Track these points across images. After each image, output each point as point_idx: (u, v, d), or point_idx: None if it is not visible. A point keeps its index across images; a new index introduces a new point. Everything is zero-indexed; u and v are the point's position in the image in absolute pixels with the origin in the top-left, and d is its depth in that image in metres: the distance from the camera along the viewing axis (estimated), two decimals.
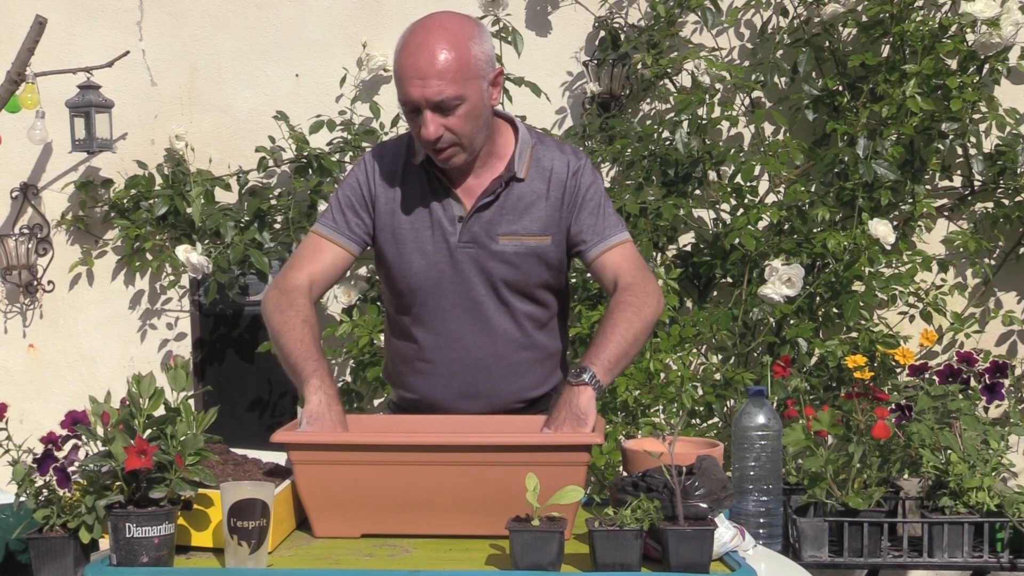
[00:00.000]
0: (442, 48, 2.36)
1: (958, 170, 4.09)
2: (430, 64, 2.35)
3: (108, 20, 4.40)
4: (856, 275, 3.87)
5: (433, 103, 2.36)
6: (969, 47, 3.86)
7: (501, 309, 2.56)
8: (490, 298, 2.56)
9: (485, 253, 2.53)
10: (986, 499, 2.52)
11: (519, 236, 2.53)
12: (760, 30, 4.15)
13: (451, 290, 2.54)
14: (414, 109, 2.39)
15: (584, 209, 2.56)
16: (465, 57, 2.38)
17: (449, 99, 2.36)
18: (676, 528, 1.89)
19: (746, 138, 4.17)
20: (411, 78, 2.36)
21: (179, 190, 4.23)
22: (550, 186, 2.54)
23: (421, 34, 2.39)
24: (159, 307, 4.46)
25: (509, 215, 2.53)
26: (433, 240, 2.53)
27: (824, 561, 2.55)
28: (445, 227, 2.53)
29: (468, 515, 2.11)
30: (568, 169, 2.56)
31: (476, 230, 2.52)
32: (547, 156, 2.57)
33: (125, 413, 1.99)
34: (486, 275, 2.54)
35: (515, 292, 2.57)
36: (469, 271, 2.54)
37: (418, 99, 2.37)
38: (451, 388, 2.58)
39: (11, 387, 4.46)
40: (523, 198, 2.53)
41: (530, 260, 2.54)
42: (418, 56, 2.36)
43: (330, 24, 4.34)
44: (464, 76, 2.37)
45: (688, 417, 3.87)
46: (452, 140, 2.41)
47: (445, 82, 2.35)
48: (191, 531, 2.05)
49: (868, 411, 2.57)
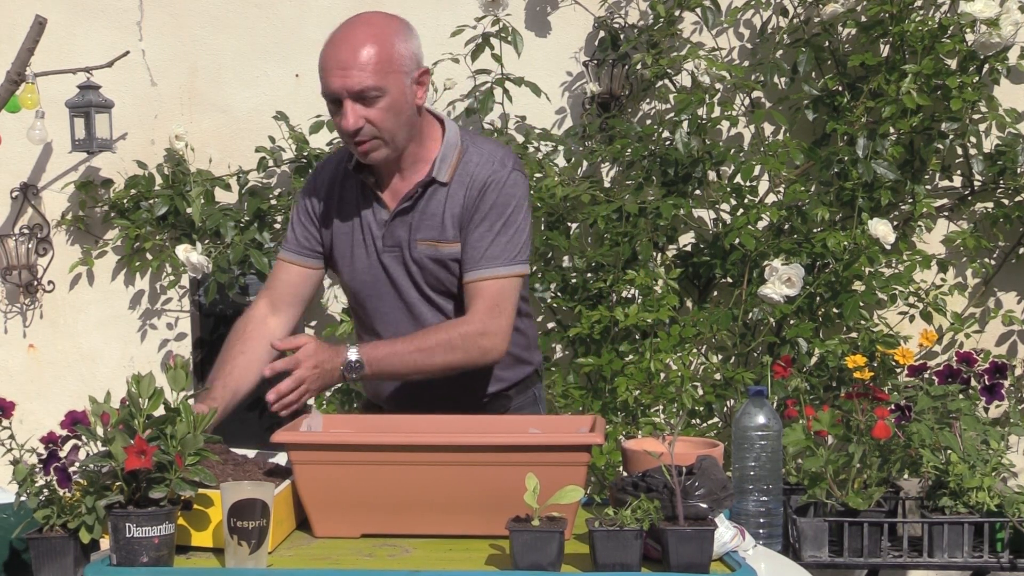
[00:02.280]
0: (364, 41, 2.42)
1: (958, 170, 4.09)
2: (352, 55, 2.41)
3: (108, 20, 4.40)
4: (856, 275, 3.87)
5: (354, 92, 2.41)
6: (969, 47, 3.86)
7: (432, 309, 2.58)
8: (420, 300, 2.58)
9: (407, 257, 2.55)
10: (986, 499, 2.52)
11: (434, 242, 2.53)
12: (760, 30, 4.15)
13: (385, 292, 2.58)
14: (335, 100, 2.44)
15: (479, 226, 2.51)
16: (387, 51, 2.43)
17: (368, 89, 2.40)
18: (676, 528, 1.89)
19: (746, 138, 4.17)
20: (332, 69, 2.43)
21: (179, 190, 4.23)
22: (467, 191, 2.52)
23: (346, 29, 2.47)
24: (159, 307, 4.46)
25: (429, 220, 2.53)
26: (365, 244, 2.58)
27: (824, 561, 2.55)
28: (373, 231, 2.57)
29: (468, 515, 2.11)
30: (485, 175, 2.53)
31: (399, 234, 2.54)
32: (473, 160, 2.54)
33: (125, 413, 1.99)
34: (411, 279, 2.56)
35: (444, 295, 2.58)
36: (397, 274, 2.56)
37: (338, 89, 2.42)
38: (403, 389, 2.61)
39: (11, 387, 4.46)
40: (443, 203, 2.53)
41: (445, 266, 2.55)
42: (340, 48, 2.43)
43: (330, 24, 4.24)
44: (385, 69, 2.42)
45: (688, 417, 3.88)
46: (372, 133, 2.44)
47: (366, 73, 2.40)
48: (191, 531, 2.05)
49: (868, 411, 2.57)
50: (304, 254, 2.65)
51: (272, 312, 2.65)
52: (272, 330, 2.62)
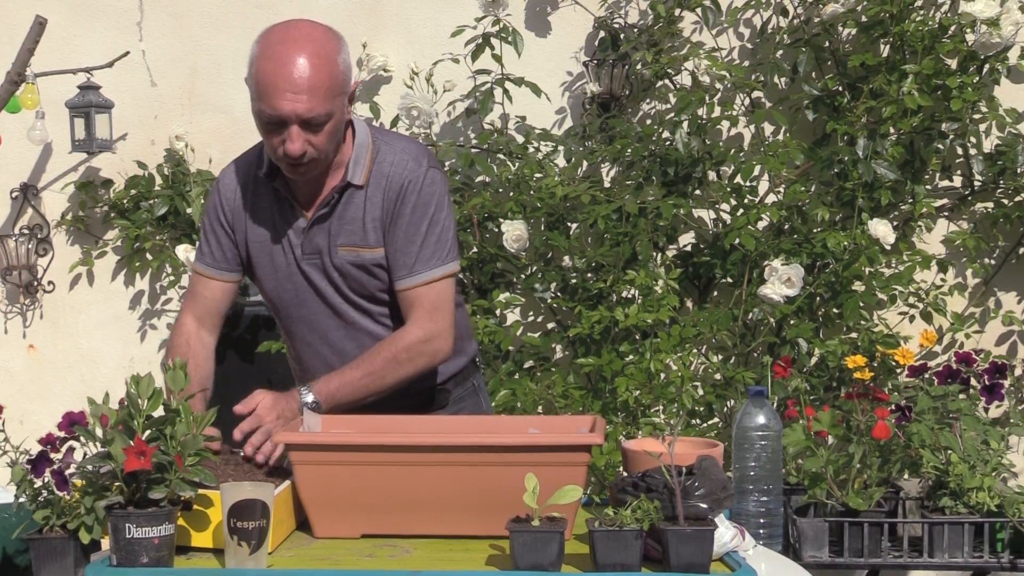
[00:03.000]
0: (313, 62, 2.31)
1: (958, 170, 4.09)
2: (302, 79, 2.29)
3: (108, 20, 4.40)
4: (856, 275, 3.87)
5: (304, 119, 2.31)
6: (969, 47, 3.86)
7: (359, 312, 2.54)
8: (345, 304, 2.53)
9: (328, 264, 2.49)
10: (986, 499, 2.52)
11: (355, 247, 2.47)
12: (760, 30, 4.15)
13: (308, 300, 2.53)
14: (279, 123, 2.32)
15: (400, 231, 2.46)
16: (334, 72, 2.34)
17: (319, 116, 2.31)
18: (676, 528, 1.89)
19: (746, 138, 4.17)
20: (282, 91, 2.29)
21: (179, 190, 4.23)
22: (385, 194, 2.46)
23: (290, 46, 2.33)
24: (159, 307, 4.46)
25: (348, 225, 2.47)
26: (284, 253, 2.52)
27: (824, 561, 2.55)
28: (291, 239, 2.50)
29: (468, 515, 2.11)
30: (403, 177, 2.46)
31: (318, 241, 2.49)
32: (388, 160, 2.48)
33: (124, 414, 1.99)
34: (334, 285, 2.51)
35: (372, 300, 2.53)
36: (318, 281, 2.51)
37: (288, 114, 2.30)
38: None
39: (11, 387, 4.46)
40: (360, 207, 2.47)
41: (368, 271, 2.49)
42: (290, 68, 2.30)
43: (331, 25, 4.32)
44: (332, 92, 2.33)
45: (688, 417, 3.87)
46: (312, 155, 2.36)
47: (317, 99, 2.30)
48: (191, 531, 2.05)
49: (868, 411, 2.57)
50: (221, 267, 2.58)
51: (200, 326, 2.61)
52: (207, 343, 2.62)
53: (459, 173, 4.10)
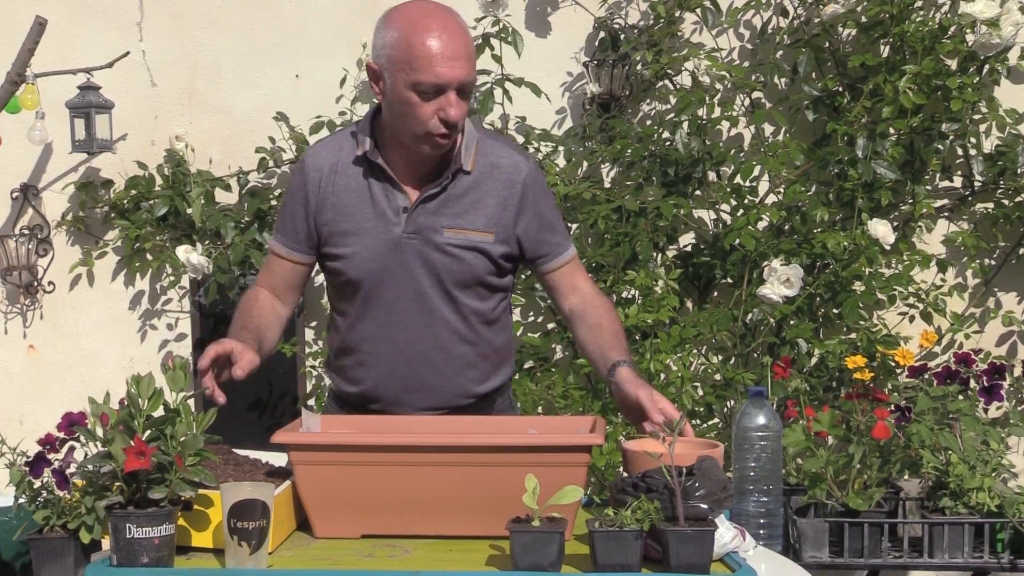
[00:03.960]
0: (463, 32, 2.40)
1: (958, 171, 4.09)
2: (460, 46, 2.37)
3: (108, 21, 4.40)
4: (855, 275, 3.87)
5: (464, 83, 2.38)
6: (969, 47, 3.86)
7: (446, 301, 2.55)
8: (434, 290, 2.54)
9: (430, 245, 2.51)
10: (986, 500, 2.52)
11: (464, 229, 2.52)
12: (760, 30, 4.15)
13: (395, 281, 2.53)
14: (437, 91, 2.37)
15: (539, 221, 2.59)
16: (472, 42, 2.43)
17: (473, 82, 2.41)
18: (676, 529, 1.89)
19: (746, 139, 4.17)
20: (443, 58, 2.35)
21: (179, 191, 4.23)
22: (496, 183, 2.54)
23: (437, 18, 2.39)
24: (159, 308, 4.47)
25: (455, 207, 2.52)
26: (376, 232, 2.52)
27: (824, 562, 2.55)
28: (389, 218, 2.52)
29: (468, 516, 2.11)
30: (519, 170, 2.56)
31: (421, 221, 2.51)
32: (495, 152, 2.56)
33: (124, 414, 1.99)
34: (430, 267, 2.53)
35: (459, 285, 2.55)
36: (413, 262, 2.52)
37: (450, 80, 2.36)
38: (394, 380, 2.57)
39: (11, 388, 4.47)
40: (469, 191, 2.52)
41: (473, 254, 2.53)
42: (447, 37, 2.36)
43: (330, 25, 4.34)
44: (474, 60, 2.42)
45: (688, 418, 3.87)
46: (461, 126, 2.44)
47: (472, 65, 2.40)
48: (191, 532, 2.05)
49: (868, 412, 2.57)
50: (298, 249, 2.61)
51: (273, 295, 2.65)
52: (276, 307, 2.64)
53: None
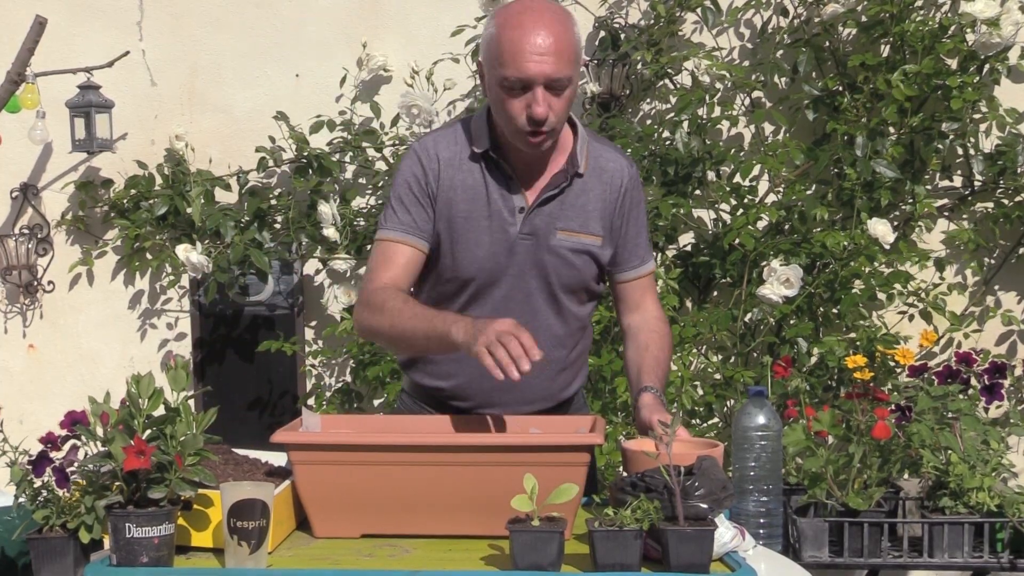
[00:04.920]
0: (558, 28, 2.36)
1: (958, 170, 4.09)
2: (549, 42, 2.34)
3: (108, 20, 4.40)
4: (855, 274, 3.87)
5: (551, 80, 2.35)
6: (969, 47, 3.86)
7: (550, 304, 2.55)
8: (541, 292, 2.54)
9: (543, 247, 2.51)
10: (986, 499, 2.52)
11: (576, 232, 2.52)
12: (760, 30, 4.15)
13: (504, 282, 2.51)
14: (524, 87, 2.36)
15: (632, 226, 2.61)
16: (573, 41, 2.40)
17: (563, 79, 2.36)
18: (676, 528, 1.89)
19: (746, 138, 4.17)
20: (529, 54, 2.33)
21: (179, 190, 4.23)
22: (605, 186, 2.55)
23: (533, 14, 2.37)
24: (159, 307, 4.47)
25: (569, 210, 2.51)
26: (491, 231, 2.49)
27: (824, 561, 2.55)
28: (505, 218, 2.49)
29: (468, 515, 2.11)
30: (624, 175, 2.58)
31: (537, 222, 2.50)
32: (604, 156, 2.57)
33: (124, 413, 1.99)
34: (540, 269, 2.52)
35: (566, 289, 2.56)
36: (525, 264, 2.51)
37: (535, 75, 2.34)
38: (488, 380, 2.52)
39: (11, 387, 4.47)
40: (582, 194, 2.52)
41: (583, 258, 2.54)
42: (536, 33, 2.34)
43: (330, 24, 4.34)
44: (572, 60, 2.38)
45: (688, 417, 3.87)
46: (553, 123, 2.40)
47: (563, 61, 2.35)
48: (191, 531, 2.05)
49: (868, 411, 2.57)
50: (421, 236, 2.51)
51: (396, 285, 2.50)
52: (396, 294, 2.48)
53: None
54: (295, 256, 4.27)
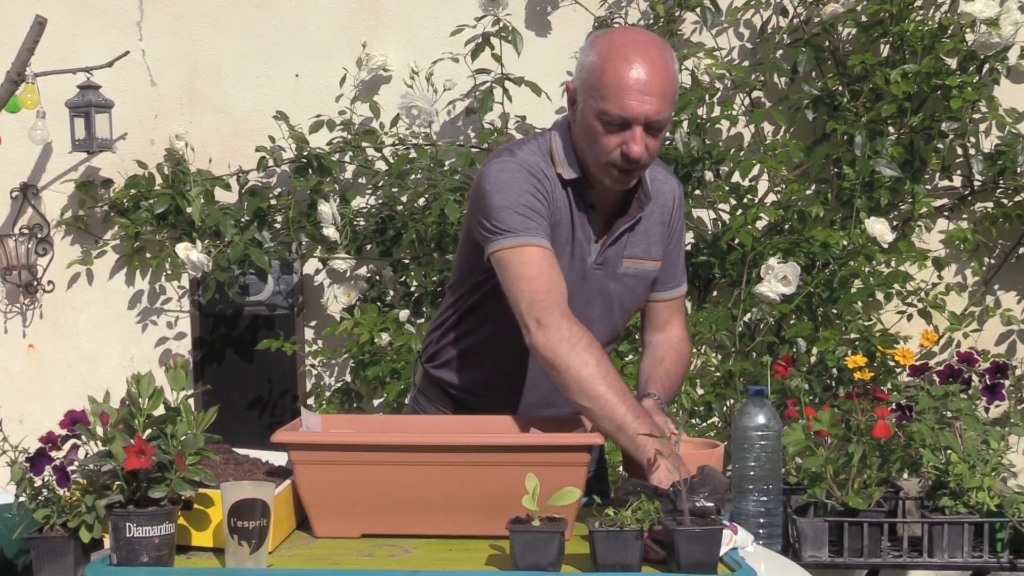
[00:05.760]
0: (664, 69, 2.30)
1: (958, 170, 4.09)
2: (655, 83, 2.28)
3: (108, 20, 4.40)
4: (853, 273, 3.87)
5: (652, 121, 2.30)
6: (969, 47, 3.86)
7: (605, 328, 2.53)
8: (602, 318, 2.51)
9: (611, 274, 2.50)
10: (986, 499, 2.52)
11: (641, 260, 2.52)
12: (760, 30, 4.15)
13: (572, 308, 2.40)
14: (623, 125, 2.30)
15: (676, 247, 2.61)
16: (674, 80, 2.34)
17: (663, 120, 2.32)
18: (685, 528, 1.89)
19: (746, 138, 4.17)
20: (633, 92, 2.27)
21: (179, 190, 4.23)
22: (662, 209, 2.54)
23: (640, 50, 2.30)
24: (159, 307, 4.47)
25: (635, 238, 2.50)
26: (572, 257, 2.45)
27: (824, 561, 2.55)
28: (583, 246, 2.46)
29: (468, 515, 2.11)
30: (675, 196, 2.59)
31: (609, 252, 2.48)
32: (658, 178, 2.55)
33: (125, 413, 1.99)
34: (606, 296, 2.51)
35: (623, 313, 2.56)
36: (593, 291, 2.49)
37: (637, 115, 2.28)
38: (533, 395, 2.54)
39: (11, 387, 4.47)
40: (645, 220, 2.51)
41: (644, 284, 2.55)
42: (642, 72, 2.27)
43: (330, 24, 4.34)
44: (673, 100, 2.34)
45: (687, 417, 3.87)
46: (646, 161, 2.35)
47: (665, 103, 2.30)
48: (191, 531, 2.05)
49: (868, 411, 2.57)
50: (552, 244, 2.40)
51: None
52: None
53: (459, 173, 4.10)
54: (295, 256, 4.27)
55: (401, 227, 4.11)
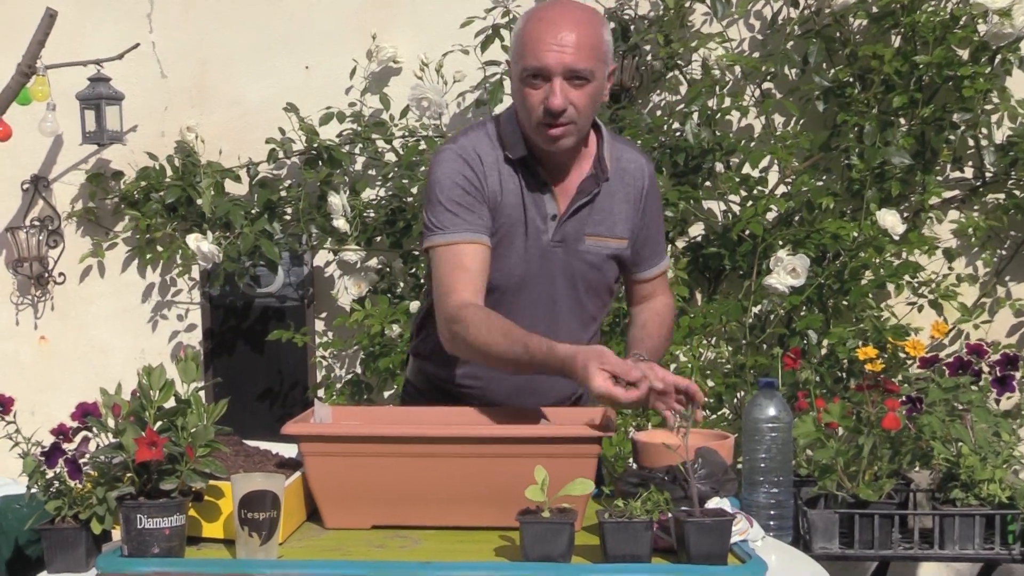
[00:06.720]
0: (581, 22, 2.35)
1: (969, 161, 4.08)
2: (571, 33, 2.32)
3: (118, 12, 4.40)
4: (864, 265, 3.86)
5: (569, 70, 2.32)
6: (981, 37, 3.85)
7: (574, 309, 2.54)
8: (566, 297, 2.53)
9: (572, 253, 2.50)
10: (997, 491, 2.51)
11: (604, 237, 2.52)
12: (770, 21, 4.13)
13: (532, 288, 2.49)
14: (542, 76, 2.34)
15: (652, 226, 2.62)
16: (599, 37, 2.37)
17: (583, 70, 2.33)
18: (695, 519, 1.89)
19: (756, 129, 4.16)
20: (548, 43, 2.32)
21: (189, 181, 4.23)
22: (628, 188, 2.55)
23: (557, 8, 2.37)
24: (169, 299, 4.47)
25: (597, 215, 2.51)
26: (526, 237, 2.47)
27: (835, 553, 2.55)
28: (538, 225, 2.47)
29: (478, 507, 2.12)
30: (643, 174, 2.58)
31: (568, 230, 2.49)
32: (624, 156, 2.56)
33: (136, 405, 2.00)
34: (569, 275, 2.51)
35: (591, 293, 2.56)
36: (555, 270, 2.50)
37: (553, 64, 2.32)
38: (508, 383, 2.54)
39: (22, 379, 4.48)
40: (608, 198, 2.52)
41: (609, 262, 2.55)
42: (558, 25, 2.33)
43: (340, 16, 4.34)
44: (596, 55, 2.36)
45: (699, 408, 3.86)
46: (572, 117, 2.36)
47: (582, 53, 2.33)
48: (202, 522, 2.06)
49: (878, 403, 2.56)
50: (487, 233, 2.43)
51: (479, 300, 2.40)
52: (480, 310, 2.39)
53: None
54: (305, 247, 4.28)
55: (411, 218, 4.11)
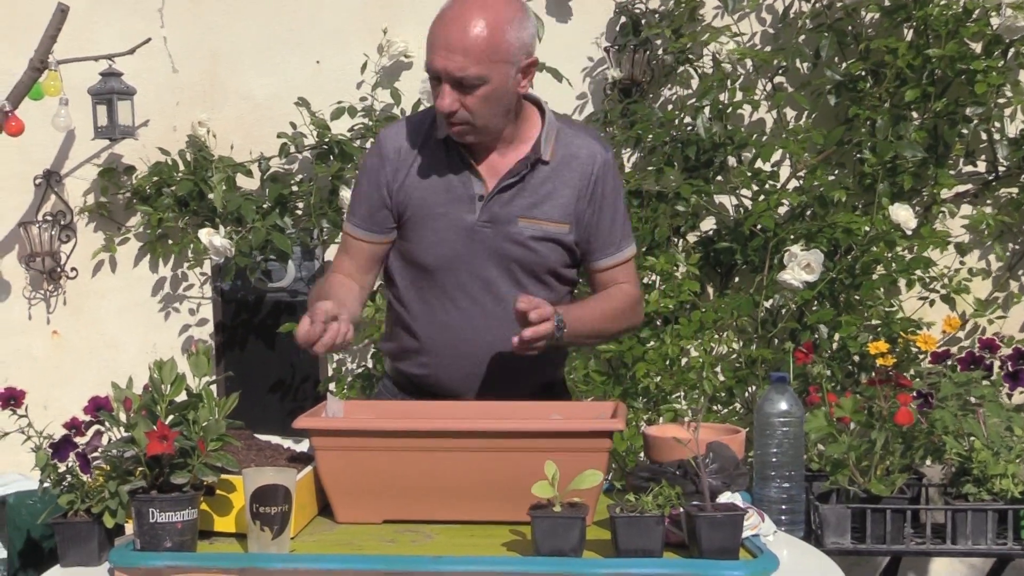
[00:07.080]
0: (476, 24, 2.32)
1: (982, 155, 4.06)
2: (459, 38, 2.31)
3: (129, 7, 4.41)
4: (876, 259, 3.85)
5: (453, 78, 2.33)
6: (994, 31, 3.83)
7: (515, 290, 2.51)
8: (504, 279, 2.52)
9: (502, 235, 2.49)
10: (1010, 486, 2.50)
11: (538, 220, 2.50)
12: (782, 15, 4.12)
13: (464, 269, 2.51)
14: (436, 78, 2.37)
15: (604, 213, 2.55)
16: (497, 38, 2.33)
17: (470, 78, 2.32)
18: (707, 514, 1.89)
19: (768, 123, 4.15)
20: (438, 47, 2.33)
21: (201, 176, 4.24)
22: (573, 173, 2.52)
23: (457, 8, 2.36)
24: (181, 293, 4.48)
25: (531, 197, 2.50)
26: (449, 218, 2.49)
27: (846, 548, 2.54)
28: (464, 205, 2.49)
29: (490, 501, 2.12)
30: (594, 161, 2.53)
31: (496, 210, 2.49)
32: (574, 142, 2.54)
33: (147, 399, 2.00)
34: (501, 256, 2.50)
35: (530, 275, 2.54)
36: (485, 251, 2.50)
37: (439, 69, 2.34)
38: (457, 369, 2.54)
39: (35, 373, 4.49)
40: (546, 181, 2.50)
41: (547, 245, 2.52)
42: (450, 27, 2.33)
43: (350, 11, 4.34)
44: (491, 58, 2.33)
45: (709, 403, 3.87)
46: (465, 118, 2.38)
47: (470, 60, 2.31)
48: (214, 516, 2.06)
49: (891, 397, 2.56)
50: (374, 231, 2.56)
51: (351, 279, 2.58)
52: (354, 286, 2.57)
53: None
54: (317, 242, 4.28)
55: None
